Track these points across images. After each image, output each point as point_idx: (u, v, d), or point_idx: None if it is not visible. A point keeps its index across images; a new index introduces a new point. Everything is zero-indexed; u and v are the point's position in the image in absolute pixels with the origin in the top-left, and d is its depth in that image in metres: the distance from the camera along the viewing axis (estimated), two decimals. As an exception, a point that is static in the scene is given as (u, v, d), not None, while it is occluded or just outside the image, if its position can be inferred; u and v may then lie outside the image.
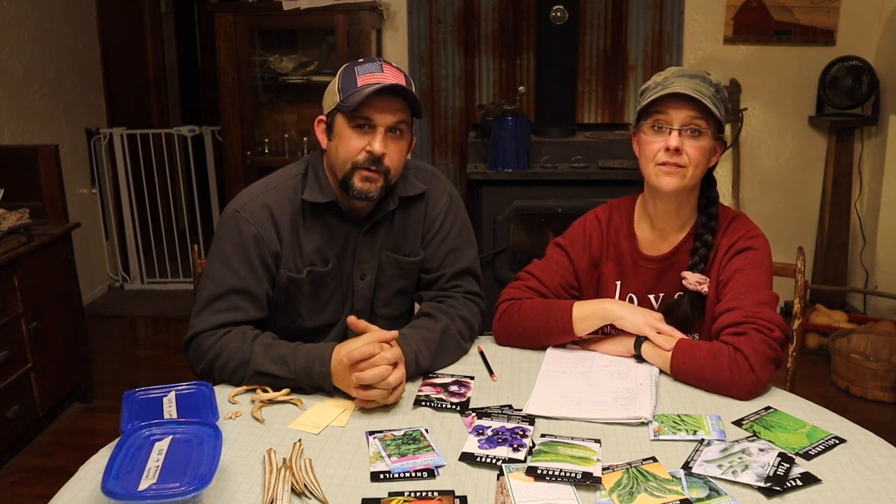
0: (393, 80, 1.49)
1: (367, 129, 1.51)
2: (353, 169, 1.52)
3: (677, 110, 1.48)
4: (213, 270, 1.55)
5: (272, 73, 3.76)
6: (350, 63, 1.56)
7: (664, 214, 1.60)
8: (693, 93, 1.45)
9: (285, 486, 1.11)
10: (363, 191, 1.53)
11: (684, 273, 1.56)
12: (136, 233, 4.53)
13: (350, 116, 1.50)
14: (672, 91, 1.46)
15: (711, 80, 1.51)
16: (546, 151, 3.34)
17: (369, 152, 1.51)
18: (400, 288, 1.71)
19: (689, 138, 1.49)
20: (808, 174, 3.95)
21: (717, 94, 1.50)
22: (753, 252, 1.53)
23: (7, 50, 3.50)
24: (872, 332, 3.30)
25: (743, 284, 1.48)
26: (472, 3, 3.81)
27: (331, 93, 1.55)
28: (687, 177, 1.50)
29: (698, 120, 1.48)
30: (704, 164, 1.52)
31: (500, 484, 1.13)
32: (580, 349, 1.59)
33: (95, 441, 1.31)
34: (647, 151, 1.52)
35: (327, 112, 1.57)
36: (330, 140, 1.57)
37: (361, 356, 1.35)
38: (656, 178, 1.52)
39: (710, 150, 1.52)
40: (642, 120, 1.54)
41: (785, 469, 1.14)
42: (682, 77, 1.49)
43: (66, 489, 1.13)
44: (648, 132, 1.52)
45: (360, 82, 1.49)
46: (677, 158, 1.49)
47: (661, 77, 1.53)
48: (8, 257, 2.58)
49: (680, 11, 3.78)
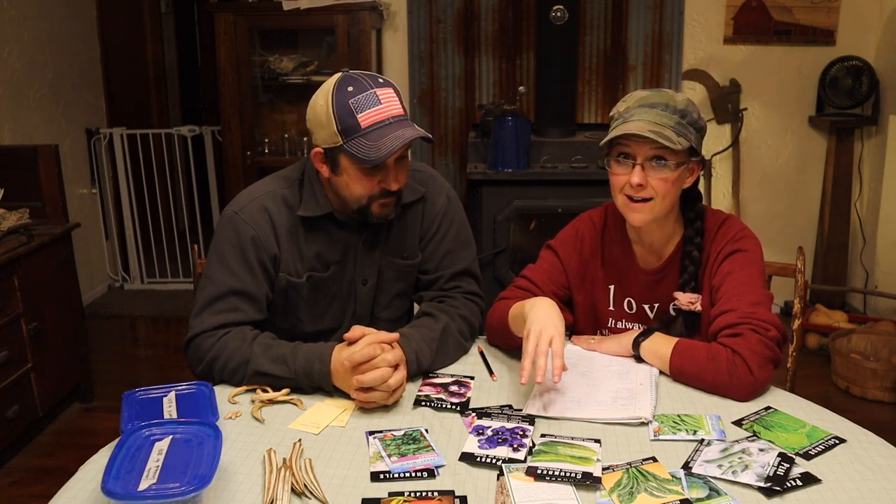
0: (393, 111, 1.46)
1: (380, 167, 1.50)
2: (369, 201, 1.52)
3: (639, 145, 1.46)
4: (212, 272, 1.55)
5: (272, 73, 3.76)
6: (339, 89, 1.46)
7: (646, 235, 1.59)
8: (650, 133, 1.42)
9: (285, 486, 1.12)
10: (383, 215, 1.55)
11: (676, 294, 1.55)
12: (136, 233, 4.53)
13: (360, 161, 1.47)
14: (629, 132, 1.43)
15: (676, 107, 1.45)
16: (546, 151, 3.34)
17: (384, 188, 1.51)
18: (399, 290, 1.71)
19: (654, 170, 1.46)
20: (808, 174, 3.95)
21: (682, 119, 1.45)
22: (742, 254, 1.52)
23: (7, 50, 3.50)
24: (872, 332, 3.30)
25: (735, 286, 1.47)
26: (472, 3, 3.81)
27: (323, 126, 1.48)
28: (655, 209, 1.49)
29: (661, 151, 1.45)
30: (674, 192, 1.50)
31: (500, 484, 1.13)
32: (580, 349, 1.60)
33: (95, 441, 1.31)
34: (615, 183, 1.51)
35: (325, 147, 1.50)
36: (336, 175, 1.53)
37: (363, 358, 1.35)
38: (625, 211, 1.53)
39: (680, 176, 1.49)
40: (608, 153, 1.52)
41: (785, 469, 1.14)
42: (643, 107, 1.46)
43: (66, 489, 1.13)
44: (614, 165, 1.51)
45: (364, 122, 1.44)
46: (642, 193, 1.47)
47: (623, 106, 1.50)
48: (8, 257, 2.58)
49: (680, 11, 3.78)
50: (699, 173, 1.55)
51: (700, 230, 1.56)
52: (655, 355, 1.47)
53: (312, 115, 1.51)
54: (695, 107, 1.49)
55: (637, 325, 1.62)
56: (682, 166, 1.48)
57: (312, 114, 1.51)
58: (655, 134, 1.42)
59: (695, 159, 1.51)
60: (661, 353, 1.46)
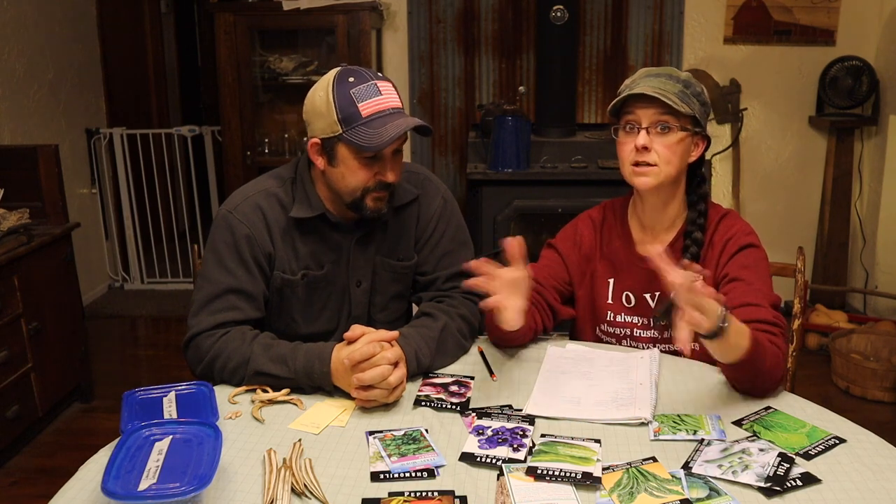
0: (393, 102, 1.48)
1: (376, 158, 1.50)
2: (364, 193, 1.52)
3: (644, 109, 1.51)
4: (209, 271, 1.55)
5: (272, 73, 3.76)
6: (339, 80, 1.47)
7: (651, 212, 1.61)
8: (654, 92, 1.47)
9: (285, 486, 1.12)
10: (376, 209, 1.54)
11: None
12: (136, 233, 4.53)
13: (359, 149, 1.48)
14: (635, 92, 1.49)
15: (679, 77, 1.52)
16: (546, 151, 3.34)
17: (380, 179, 1.51)
18: (395, 292, 1.71)
19: (658, 135, 1.51)
20: (808, 174, 3.94)
21: (686, 88, 1.51)
22: (755, 249, 1.55)
23: (7, 50, 3.50)
24: (872, 332, 3.31)
25: (759, 281, 1.49)
26: (472, 3, 3.81)
27: (323, 115, 1.48)
28: (661, 175, 1.52)
29: (665, 116, 1.50)
30: (678, 161, 1.53)
31: (500, 484, 1.13)
32: (581, 349, 1.60)
33: (95, 441, 1.31)
34: (622, 153, 1.55)
35: (323, 137, 1.50)
36: (332, 166, 1.52)
37: (362, 357, 1.35)
38: (631, 178, 1.56)
39: (685, 145, 1.53)
40: (616, 124, 1.57)
41: (785, 469, 1.14)
42: (648, 77, 1.53)
43: (66, 489, 1.13)
44: (621, 135, 1.56)
45: (364, 111, 1.45)
46: (646, 156, 1.51)
47: (630, 80, 1.56)
48: (8, 257, 2.58)
49: (680, 11, 3.78)
50: (703, 150, 1.58)
51: (703, 212, 1.59)
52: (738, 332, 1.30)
53: (310, 107, 1.51)
54: (698, 82, 1.54)
55: (637, 318, 1.62)
56: (686, 133, 1.52)
57: (310, 105, 1.51)
58: (660, 94, 1.47)
59: (699, 131, 1.54)
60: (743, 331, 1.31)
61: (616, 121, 1.58)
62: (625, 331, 1.64)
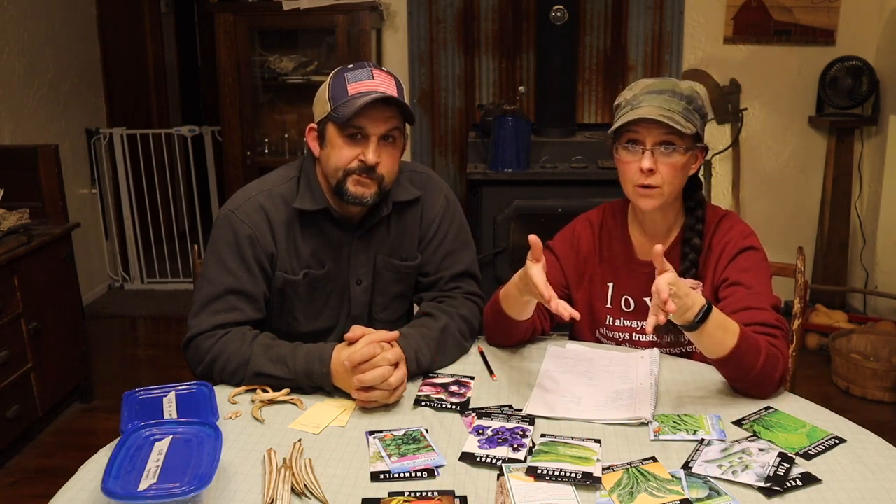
0: (384, 89, 1.48)
1: (360, 139, 1.50)
2: (345, 175, 1.52)
3: (648, 129, 1.47)
4: (210, 271, 1.55)
5: (272, 73, 3.76)
6: (340, 69, 1.54)
7: (651, 221, 1.61)
8: (661, 116, 1.44)
9: (285, 486, 1.12)
10: (357, 195, 1.52)
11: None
12: (136, 233, 4.53)
13: (342, 126, 1.49)
14: (640, 116, 1.45)
15: (682, 92, 1.49)
16: (546, 151, 3.34)
17: (362, 161, 1.50)
18: (397, 292, 1.70)
19: (663, 155, 1.48)
20: (808, 174, 3.95)
21: (689, 104, 1.48)
22: (754, 252, 1.54)
23: (7, 50, 3.50)
24: (872, 332, 3.30)
25: (758, 284, 1.48)
26: (472, 3, 3.81)
27: (321, 101, 1.53)
28: (665, 195, 1.51)
29: (670, 136, 1.47)
30: (681, 178, 1.52)
31: (500, 484, 1.13)
32: (581, 349, 1.60)
33: (95, 441, 1.31)
34: (625, 171, 1.53)
35: (318, 120, 1.55)
36: (322, 148, 1.55)
37: (363, 358, 1.35)
38: (635, 199, 1.54)
39: (687, 162, 1.51)
40: (616, 139, 1.53)
41: (785, 469, 1.14)
42: (650, 94, 1.48)
43: (66, 489, 1.13)
44: (623, 152, 1.52)
45: (351, 91, 1.48)
46: (651, 179, 1.49)
47: (630, 94, 1.52)
48: (8, 257, 2.58)
49: (680, 11, 3.78)
50: (702, 161, 1.57)
51: (701, 218, 1.58)
52: (721, 327, 1.32)
53: (316, 97, 1.56)
54: (698, 94, 1.52)
55: (636, 322, 1.62)
56: (689, 152, 1.51)
57: (316, 95, 1.56)
58: (667, 118, 1.44)
59: (699, 145, 1.54)
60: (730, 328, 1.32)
61: (614, 136, 1.53)
62: (624, 335, 1.64)
